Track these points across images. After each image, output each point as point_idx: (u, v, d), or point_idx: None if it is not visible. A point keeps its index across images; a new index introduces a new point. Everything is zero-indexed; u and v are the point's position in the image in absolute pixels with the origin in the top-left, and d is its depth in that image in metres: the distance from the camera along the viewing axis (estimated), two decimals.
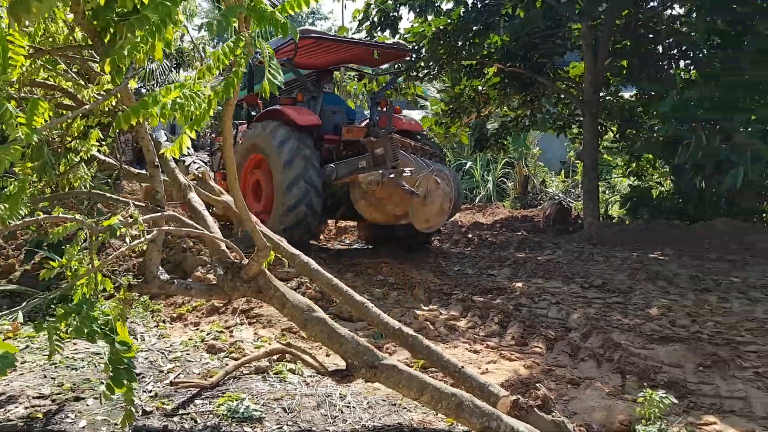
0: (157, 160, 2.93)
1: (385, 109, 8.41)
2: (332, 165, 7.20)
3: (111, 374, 2.30)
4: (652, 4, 11.47)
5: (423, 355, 3.68)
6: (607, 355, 4.74)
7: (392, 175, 6.31)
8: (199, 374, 4.25)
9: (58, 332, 2.27)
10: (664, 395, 3.50)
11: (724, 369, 4.62)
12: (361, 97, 13.21)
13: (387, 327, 3.67)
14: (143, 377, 4.18)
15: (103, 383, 4.05)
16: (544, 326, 5.37)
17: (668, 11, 11.45)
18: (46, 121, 2.19)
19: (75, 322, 2.30)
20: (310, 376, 4.27)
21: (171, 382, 3.92)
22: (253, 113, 9.11)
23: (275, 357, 4.46)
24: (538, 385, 3.71)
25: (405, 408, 3.84)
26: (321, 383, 4.15)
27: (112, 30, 2.42)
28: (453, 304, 5.88)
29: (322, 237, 9.99)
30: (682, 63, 12.03)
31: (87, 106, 2.37)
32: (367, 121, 8.78)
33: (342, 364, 4.48)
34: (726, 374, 4.55)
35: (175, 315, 5.51)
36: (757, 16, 9.88)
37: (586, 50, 10.96)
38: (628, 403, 3.77)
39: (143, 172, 3.76)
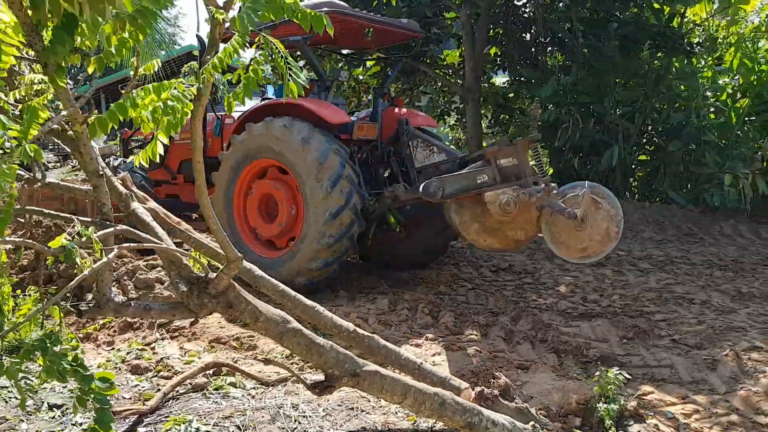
0: (101, 169, 2.60)
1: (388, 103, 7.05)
2: (435, 180, 5.35)
3: (95, 416, 2.02)
4: None
5: (381, 355, 3.59)
6: (540, 336, 4.89)
7: (540, 194, 4.98)
8: (131, 399, 3.90)
9: (24, 374, 1.96)
10: (618, 372, 3.64)
11: (645, 339, 4.92)
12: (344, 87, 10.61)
13: (341, 329, 3.54)
14: (67, 408, 3.77)
15: (23, 420, 3.62)
16: (472, 313, 5.45)
17: None
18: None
19: (45, 361, 2.00)
20: (254, 387, 4.05)
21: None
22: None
23: (210, 371, 4.19)
24: (497, 373, 3.74)
25: (364, 411, 3.74)
26: (268, 394, 3.95)
27: (50, 24, 2.12)
28: (378, 298, 5.81)
29: None
30: (551, 49, 12.66)
31: (65, 113, 2.03)
32: (367, 115, 7.20)
33: (280, 370, 4.32)
34: (648, 344, 4.84)
35: (81, 335, 5.02)
36: (618, 4, 10.59)
37: (466, 38, 11.25)
38: (580, 383, 3.89)
39: (54, 181, 3.36)
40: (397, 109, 6.98)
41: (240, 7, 1.59)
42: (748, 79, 9.84)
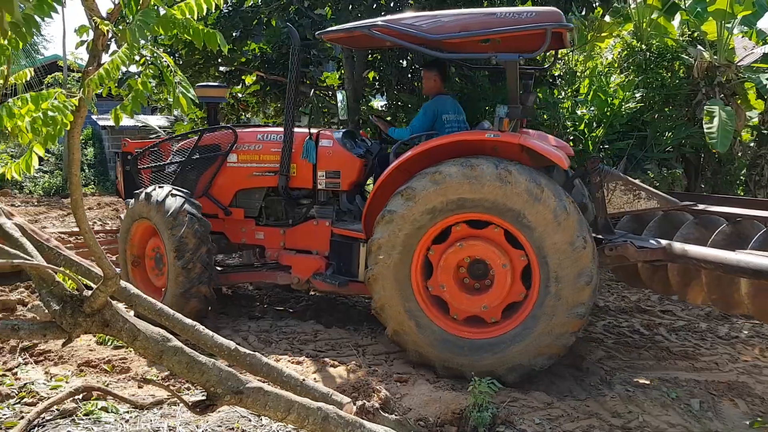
0: None
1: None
2: None
3: None
4: None
5: (263, 373, 3.57)
6: None
7: None
8: None
9: None
10: (490, 382, 3.84)
11: None
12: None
13: (222, 348, 3.49)
14: None
15: None
16: (353, 330, 5.54)
17: None
18: None
19: None
20: (127, 411, 3.90)
21: None
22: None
23: (80, 396, 3.99)
24: (377, 387, 3.84)
25: (245, 431, 3.71)
26: (143, 418, 3.82)
27: None
28: (259, 316, 5.78)
29: None
30: None
31: None
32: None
33: (155, 393, 4.18)
34: None
35: None
36: None
37: (345, 62, 11.47)
38: (455, 393, 4.07)
39: None
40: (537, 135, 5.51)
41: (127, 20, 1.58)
42: (603, 110, 10.68)
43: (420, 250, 4.76)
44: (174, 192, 5.53)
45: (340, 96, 5.97)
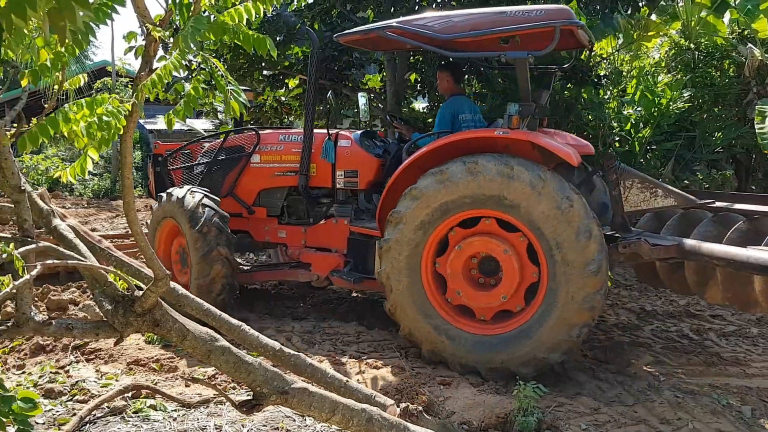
0: (23, 184, 2.54)
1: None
2: None
3: None
4: None
5: (307, 373, 3.61)
6: None
7: None
8: (44, 424, 3.75)
9: None
10: (535, 386, 3.80)
11: None
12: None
13: (267, 348, 3.53)
14: None
15: None
16: (396, 331, 5.54)
17: None
18: None
19: None
20: (175, 410, 3.97)
21: None
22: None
23: (129, 394, 4.08)
24: (421, 390, 3.83)
25: (289, 431, 3.74)
26: (190, 416, 3.89)
27: None
28: (303, 317, 5.84)
29: None
30: (468, 77, 13.08)
31: None
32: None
33: (202, 392, 4.25)
34: None
35: None
36: None
37: (387, 65, 11.48)
38: (500, 397, 4.03)
39: None
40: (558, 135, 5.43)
41: (179, 26, 1.62)
42: (650, 110, 10.47)
43: (426, 266, 4.83)
44: (182, 186, 5.93)
45: (362, 100, 6.13)
